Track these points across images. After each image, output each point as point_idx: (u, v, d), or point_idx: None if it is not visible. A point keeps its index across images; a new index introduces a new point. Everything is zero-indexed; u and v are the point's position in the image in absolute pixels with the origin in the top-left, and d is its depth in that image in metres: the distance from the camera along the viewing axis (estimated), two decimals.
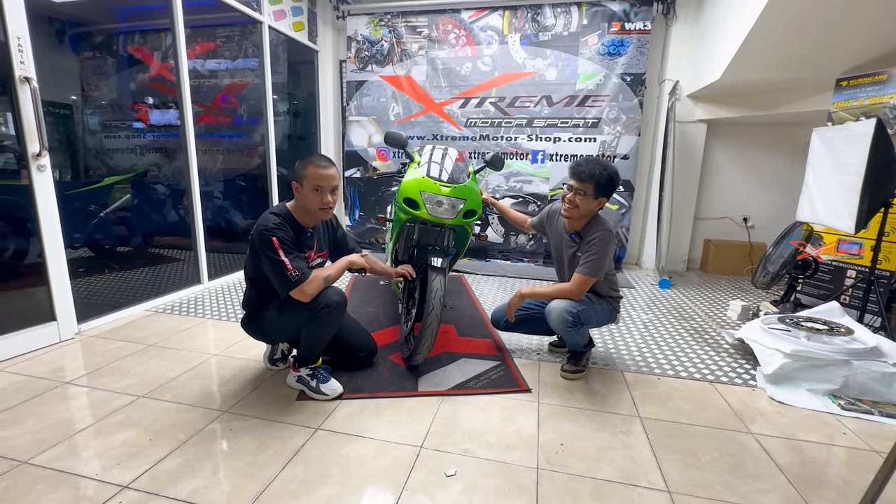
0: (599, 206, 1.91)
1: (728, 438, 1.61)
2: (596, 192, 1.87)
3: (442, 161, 2.17)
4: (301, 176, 1.67)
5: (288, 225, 1.67)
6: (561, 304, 1.88)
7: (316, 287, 1.62)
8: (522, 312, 2.14)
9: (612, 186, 1.88)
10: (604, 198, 1.89)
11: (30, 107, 2.01)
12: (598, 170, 1.84)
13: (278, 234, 1.60)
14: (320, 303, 1.63)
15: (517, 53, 4.18)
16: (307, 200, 1.69)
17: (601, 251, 1.86)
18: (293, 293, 1.60)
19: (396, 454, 1.46)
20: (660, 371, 2.13)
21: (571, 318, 1.86)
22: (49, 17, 3.07)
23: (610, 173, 1.86)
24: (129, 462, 1.38)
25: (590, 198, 1.88)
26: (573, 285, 1.90)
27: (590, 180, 1.85)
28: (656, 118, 4.18)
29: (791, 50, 2.77)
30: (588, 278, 1.88)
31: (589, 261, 1.87)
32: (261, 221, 1.65)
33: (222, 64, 3.89)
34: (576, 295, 1.91)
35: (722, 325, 2.79)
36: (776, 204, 4.15)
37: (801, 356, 1.95)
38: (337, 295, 1.68)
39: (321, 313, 1.64)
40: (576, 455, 1.48)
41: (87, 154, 3.32)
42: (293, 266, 1.59)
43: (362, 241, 4.77)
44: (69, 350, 2.18)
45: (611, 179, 1.86)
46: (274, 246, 1.58)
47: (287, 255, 1.59)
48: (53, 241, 2.19)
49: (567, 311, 1.86)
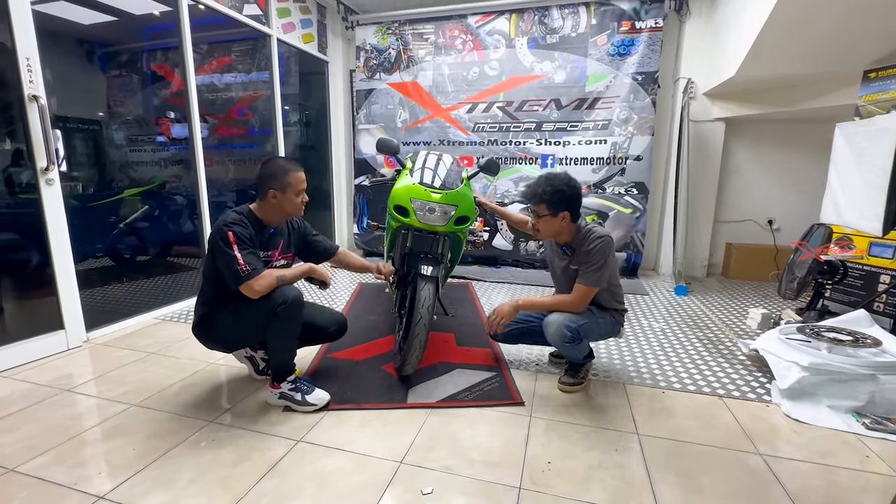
0: (564, 220, 1.80)
1: (733, 459, 1.49)
2: (551, 209, 1.78)
3: (435, 167, 2.14)
4: (283, 184, 1.66)
5: (249, 222, 1.66)
6: (560, 317, 1.80)
7: (266, 284, 1.58)
8: (520, 325, 2.04)
9: (565, 198, 1.77)
10: (565, 212, 1.79)
11: (38, 123, 2.09)
12: (542, 188, 1.77)
13: (235, 229, 1.59)
14: (276, 300, 1.60)
15: (524, 57, 4.12)
16: (288, 205, 1.69)
17: (602, 259, 1.77)
18: (242, 288, 1.57)
19: (375, 469, 1.42)
20: (665, 384, 2.01)
21: (570, 333, 1.77)
22: (80, 40, 3.24)
23: (555, 188, 1.76)
24: (110, 471, 1.39)
25: (548, 217, 1.79)
26: (574, 297, 1.82)
27: (538, 201, 1.78)
28: (671, 117, 4.03)
29: (808, 43, 2.60)
30: (590, 289, 1.80)
31: (590, 270, 1.78)
32: (221, 218, 1.64)
33: (237, 77, 4.00)
34: (577, 307, 1.82)
35: (739, 334, 2.62)
36: (803, 205, 3.91)
37: (820, 369, 1.80)
38: (292, 290, 1.64)
39: (279, 311, 1.60)
40: (563, 474, 1.40)
41: (112, 167, 3.46)
42: (245, 261, 1.56)
43: (370, 248, 4.78)
44: (75, 358, 2.24)
45: (558, 193, 1.75)
46: (228, 240, 1.56)
47: (241, 251, 1.57)
48: (62, 252, 2.27)
49: (566, 325, 1.77)
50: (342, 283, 3.75)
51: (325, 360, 2.20)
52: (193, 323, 1.78)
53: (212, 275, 1.68)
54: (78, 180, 3.21)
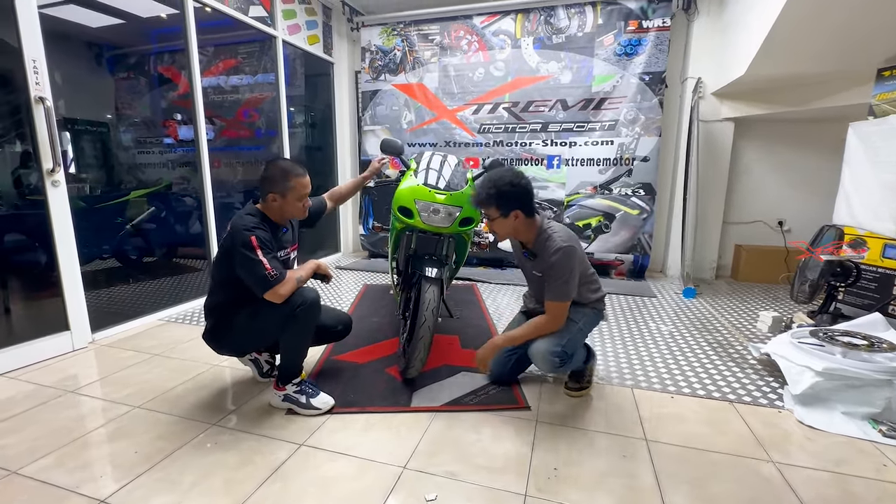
0: (517, 219, 1.69)
1: (746, 467, 1.45)
2: (501, 209, 1.67)
3: (440, 168, 2.12)
4: (285, 188, 1.65)
5: (265, 224, 1.65)
6: (542, 344, 1.70)
7: (290, 288, 1.58)
8: (515, 353, 1.93)
9: (513, 197, 1.66)
10: (517, 211, 1.67)
11: (44, 125, 2.10)
12: (486, 190, 1.66)
13: (258, 234, 1.57)
14: (295, 302, 1.59)
15: (530, 57, 4.09)
16: (290, 209, 1.68)
17: (566, 271, 1.65)
18: (268, 294, 1.55)
19: (378, 474, 1.39)
20: (674, 388, 1.97)
21: (558, 359, 1.68)
22: (88, 43, 3.26)
23: (499, 188, 1.65)
24: (111, 474, 1.39)
25: (500, 218, 1.69)
26: (549, 318, 1.70)
27: (486, 203, 1.68)
28: (678, 117, 3.98)
29: (820, 40, 2.54)
30: (561, 304, 1.69)
31: (555, 285, 1.67)
32: (237, 222, 1.62)
33: (243, 79, 4.01)
34: (555, 325, 1.71)
35: (749, 337, 2.57)
36: (814, 206, 3.84)
37: (835, 375, 1.76)
38: (311, 292, 1.63)
39: (297, 313, 1.59)
40: (569, 481, 1.37)
41: (119, 169, 3.47)
42: (271, 266, 1.55)
43: (376, 250, 4.76)
44: (80, 359, 2.25)
45: (502, 194, 1.64)
46: (252, 245, 1.54)
47: (265, 255, 1.55)
48: (68, 254, 2.28)
49: (550, 351, 1.67)
50: (346, 285, 3.74)
51: (329, 363, 2.19)
52: (206, 329, 1.76)
53: (224, 279, 1.66)
54: (85, 182, 3.24)
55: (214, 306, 1.73)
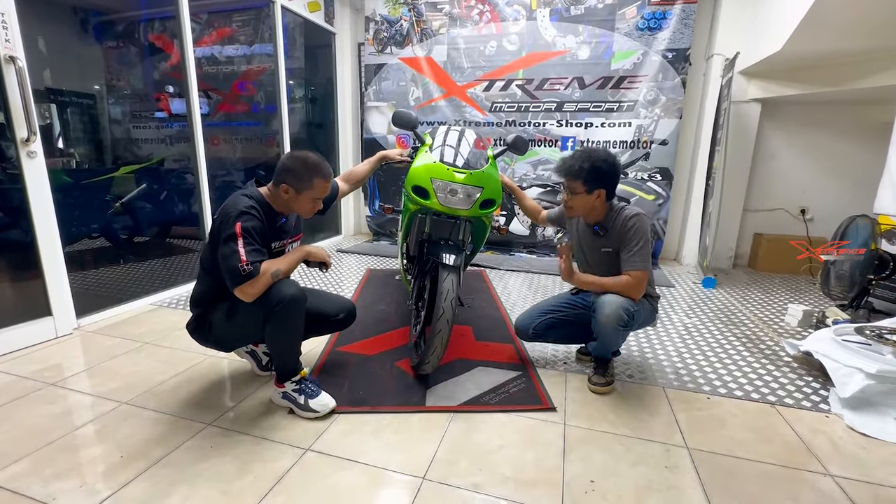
0: (599, 199, 1.69)
1: (802, 482, 1.31)
2: (587, 186, 1.66)
3: (458, 144, 1.91)
4: (303, 185, 1.46)
5: (261, 210, 1.46)
6: (618, 299, 1.64)
7: (261, 287, 1.38)
8: (551, 317, 1.89)
9: (604, 176, 1.66)
10: (601, 190, 1.67)
11: (16, 88, 1.88)
12: (579, 163, 1.65)
13: (244, 220, 1.38)
14: (272, 299, 1.41)
15: (546, 30, 3.84)
16: (300, 207, 1.51)
17: (644, 238, 1.66)
18: (236, 291, 1.37)
19: (394, 486, 1.24)
20: (709, 388, 1.83)
21: (626, 317, 1.61)
22: (73, 7, 3.00)
23: (594, 163, 1.64)
24: (92, 484, 1.22)
25: (582, 194, 1.68)
26: (634, 281, 1.65)
27: (575, 177, 1.67)
28: (701, 98, 3.76)
29: (878, 11, 2.31)
30: (644, 272, 1.66)
31: (636, 252, 1.66)
32: (228, 203, 1.44)
33: (239, 50, 3.75)
34: (637, 292, 1.67)
35: (780, 332, 2.42)
36: (841, 194, 3.67)
37: (888, 377, 1.61)
38: (290, 288, 1.44)
39: (275, 311, 1.41)
40: (609, 496, 1.22)
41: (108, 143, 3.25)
42: (248, 258, 1.35)
43: (383, 231, 4.57)
44: (64, 347, 2.07)
45: (595, 169, 1.64)
46: (234, 232, 1.36)
47: (245, 246, 1.36)
48: (48, 231, 2.08)
49: (624, 307, 1.61)
50: (348, 270, 3.56)
51: (333, 354, 2.03)
52: (188, 322, 1.61)
53: (210, 265, 1.48)
54: (72, 156, 3.01)
55: (198, 296, 1.57)
